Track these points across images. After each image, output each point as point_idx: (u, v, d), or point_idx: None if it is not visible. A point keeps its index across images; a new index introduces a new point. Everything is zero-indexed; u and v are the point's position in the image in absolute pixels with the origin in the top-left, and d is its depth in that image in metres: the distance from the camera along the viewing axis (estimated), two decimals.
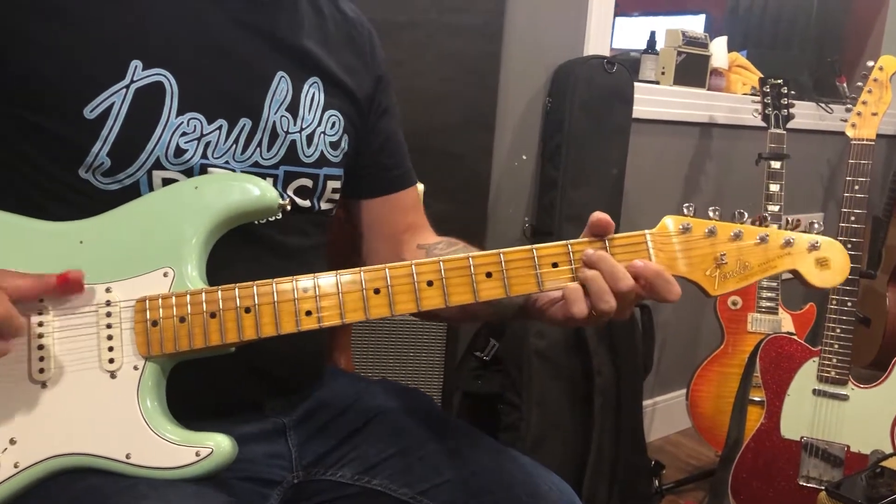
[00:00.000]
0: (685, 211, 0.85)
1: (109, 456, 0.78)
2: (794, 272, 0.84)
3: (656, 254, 0.83)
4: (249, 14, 0.94)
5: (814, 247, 0.83)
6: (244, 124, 0.92)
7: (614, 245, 0.83)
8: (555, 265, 0.83)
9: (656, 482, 2.17)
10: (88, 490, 0.77)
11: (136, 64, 0.85)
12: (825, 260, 0.83)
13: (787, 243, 0.83)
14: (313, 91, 1.00)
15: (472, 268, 0.82)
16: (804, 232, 0.84)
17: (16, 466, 0.78)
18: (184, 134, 0.87)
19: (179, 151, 0.87)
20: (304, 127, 0.98)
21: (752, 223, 0.85)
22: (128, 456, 0.78)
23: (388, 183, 1.13)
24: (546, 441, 1.91)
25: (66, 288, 0.79)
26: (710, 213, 0.85)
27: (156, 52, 0.86)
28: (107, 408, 0.79)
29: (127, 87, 0.84)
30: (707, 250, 0.83)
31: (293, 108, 0.97)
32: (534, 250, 0.83)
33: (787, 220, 0.84)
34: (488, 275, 0.82)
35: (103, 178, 0.85)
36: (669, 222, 0.84)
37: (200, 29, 0.90)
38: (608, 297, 0.80)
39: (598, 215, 0.82)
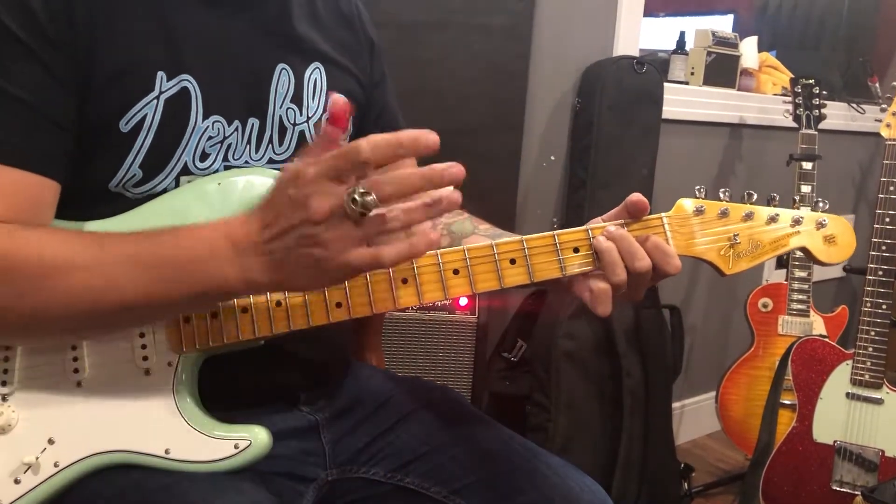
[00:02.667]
0: (697, 193, 0.88)
1: (148, 452, 0.79)
2: (804, 249, 0.88)
3: (673, 235, 0.86)
4: (245, 10, 0.92)
5: (821, 224, 0.87)
6: (252, 123, 0.92)
7: (632, 228, 0.85)
8: (576, 250, 0.85)
9: (685, 485, 2.15)
10: (131, 486, 0.78)
11: (161, 74, 0.85)
12: (832, 237, 0.87)
13: (797, 222, 0.87)
14: (315, 77, 0.99)
15: (496, 255, 0.84)
16: (812, 210, 0.88)
17: (56, 466, 0.78)
18: (209, 138, 0.88)
19: (204, 156, 0.88)
20: (310, 116, 0.98)
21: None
22: (167, 451, 0.79)
23: None
24: (574, 443, 1.90)
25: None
26: (721, 195, 0.88)
27: (175, 59, 0.86)
28: (143, 404, 0.80)
29: (157, 97, 0.84)
30: (721, 231, 0.87)
31: (297, 99, 0.96)
32: (555, 236, 0.85)
33: (794, 199, 0.88)
34: (512, 261, 0.84)
35: (134, 188, 0.85)
36: (685, 204, 0.87)
37: (206, 31, 0.89)
38: (620, 269, 0.82)
39: (636, 196, 0.84)
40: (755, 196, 0.88)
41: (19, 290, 0.72)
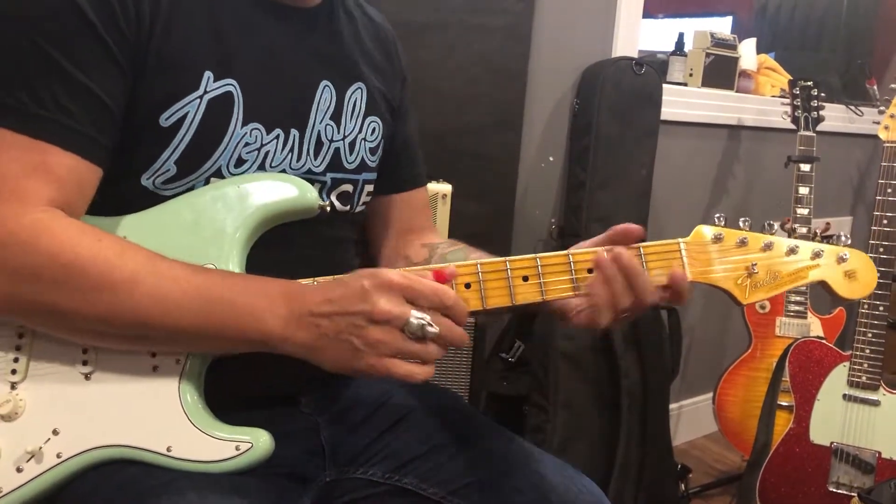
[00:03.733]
0: (716, 221, 0.88)
1: (150, 448, 0.79)
2: (823, 283, 0.87)
3: (690, 262, 0.86)
4: (297, 24, 0.95)
5: (842, 259, 0.86)
6: (295, 134, 0.94)
7: (648, 253, 0.85)
8: (590, 271, 0.85)
9: (682, 486, 2.16)
10: (128, 482, 0.78)
11: (208, 74, 0.86)
12: (853, 272, 0.87)
13: (817, 255, 0.86)
14: (356, 98, 1.01)
15: (509, 271, 0.84)
16: (832, 244, 0.87)
17: (58, 457, 0.79)
18: (246, 144, 0.89)
19: (240, 161, 0.89)
20: (346, 134, 1.00)
21: (782, 227, 0.88)
22: (168, 449, 0.79)
23: (402, 182, 1.16)
24: (572, 443, 1.90)
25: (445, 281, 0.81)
26: (741, 224, 0.88)
27: (223, 62, 0.87)
28: (148, 401, 0.81)
29: (201, 97, 0.86)
30: (739, 260, 0.86)
31: (337, 117, 0.99)
32: (570, 255, 0.85)
33: (815, 233, 0.87)
34: (525, 278, 0.84)
35: (164, 184, 0.86)
36: (704, 231, 0.87)
37: (256, 39, 0.91)
38: (626, 298, 0.84)
39: (627, 225, 0.86)
40: (776, 227, 0.88)
41: (91, 294, 0.75)
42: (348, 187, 1.01)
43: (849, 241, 0.88)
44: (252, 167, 0.90)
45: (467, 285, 0.83)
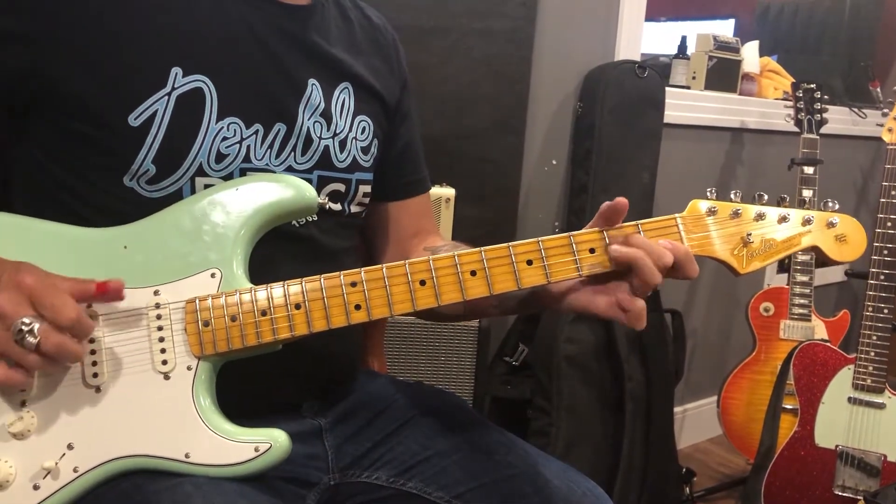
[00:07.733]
0: (709, 195, 0.89)
1: (168, 456, 0.79)
2: (816, 248, 0.89)
3: (687, 236, 0.87)
4: (283, 21, 0.95)
5: (831, 224, 0.88)
6: (279, 129, 0.93)
7: (647, 229, 0.87)
8: (592, 251, 0.86)
9: (687, 489, 2.15)
10: (133, 489, 0.78)
11: (176, 71, 0.86)
12: (843, 236, 0.88)
13: (807, 221, 0.88)
14: (343, 97, 1.01)
15: (512, 256, 0.85)
16: (822, 210, 0.89)
17: (75, 471, 0.78)
18: (224, 139, 0.88)
19: (220, 157, 0.88)
20: (336, 133, 0.99)
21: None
22: (187, 455, 0.79)
23: (403, 188, 1.15)
24: (576, 447, 1.90)
25: (106, 298, 0.79)
26: (732, 196, 0.90)
27: (194, 58, 0.87)
28: (162, 409, 0.80)
29: (169, 94, 0.85)
30: (733, 231, 0.88)
31: (326, 115, 0.98)
32: (571, 237, 0.86)
33: (803, 200, 0.89)
34: (529, 262, 0.85)
35: (148, 185, 0.86)
36: (700, 205, 0.89)
37: (237, 34, 0.91)
38: (656, 272, 0.83)
39: (617, 200, 0.86)
40: (766, 197, 0.89)
41: None
42: (339, 186, 1.00)
43: (837, 207, 0.89)
44: (235, 162, 0.89)
45: (472, 272, 0.84)
